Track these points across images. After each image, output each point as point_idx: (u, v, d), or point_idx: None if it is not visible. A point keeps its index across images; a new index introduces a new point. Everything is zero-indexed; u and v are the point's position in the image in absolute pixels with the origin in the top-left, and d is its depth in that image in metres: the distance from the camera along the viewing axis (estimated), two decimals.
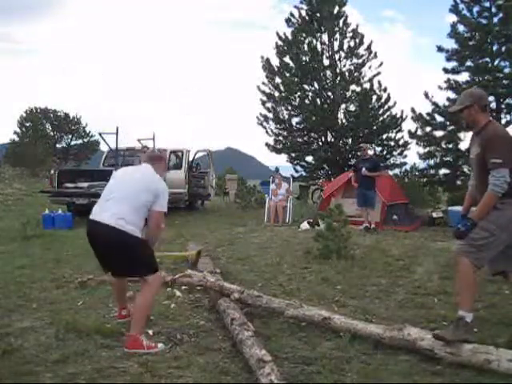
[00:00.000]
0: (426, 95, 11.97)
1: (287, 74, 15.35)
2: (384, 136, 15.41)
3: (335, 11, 15.20)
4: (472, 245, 3.05)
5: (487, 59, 11.22)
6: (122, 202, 3.35)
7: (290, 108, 15.70)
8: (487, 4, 11.24)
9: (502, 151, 3.02)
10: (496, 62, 11.12)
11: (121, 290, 3.83)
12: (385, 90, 15.25)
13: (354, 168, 9.78)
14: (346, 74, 15.30)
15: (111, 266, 3.56)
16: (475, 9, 11.37)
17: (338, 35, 15.32)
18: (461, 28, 11.49)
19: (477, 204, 3.22)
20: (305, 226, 9.61)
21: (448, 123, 11.69)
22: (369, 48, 15.31)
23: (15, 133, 37.71)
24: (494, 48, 11.17)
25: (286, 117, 15.89)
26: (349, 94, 15.40)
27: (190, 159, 13.48)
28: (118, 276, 3.69)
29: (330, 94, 15.30)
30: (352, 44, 15.33)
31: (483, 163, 3.12)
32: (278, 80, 15.67)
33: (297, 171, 16.19)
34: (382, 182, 9.86)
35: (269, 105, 15.94)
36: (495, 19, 11.13)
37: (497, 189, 3.01)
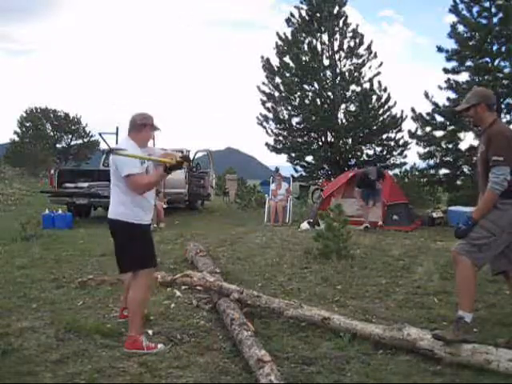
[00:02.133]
0: (426, 95, 11.97)
1: (287, 74, 15.34)
2: (384, 136, 15.40)
3: (335, 11, 15.19)
4: (473, 244, 3.05)
5: (487, 59, 11.21)
6: (111, 189, 3.40)
7: (289, 108, 15.69)
8: (487, 4, 11.23)
9: (504, 149, 3.02)
10: (496, 62, 11.11)
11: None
12: (385, 89, 15.24)
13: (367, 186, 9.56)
14: (346, 73, 15.28)
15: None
16: (475, 9, 11.36)
17: (337, 35, 15.31)
18: (461, 28, 11.49)
19: None
20: (305, 225, 9.60)
21: (448, 123, 11.68)
22: (369, 48, 15.31)
23: (15, 133, 37.80)
24: (494, 48, 11.15)
25: (286, 117, 15.87)
26: (349, 94, 15.38)
27: (190, 159, 13.49)
28: (121, 271, 3.59)
29: (330, 94, 15.28)
30: (352, 44, 15.32)
31: (487, 161, 3.11)
32: (278, 80, 15.65)
33: (297, 171, 16.18)
34: (382, 181, 9.86)
35: (269, 105, 15.93)
36: (495, 19, 11.12)
37: (496, 186, 3.01)
